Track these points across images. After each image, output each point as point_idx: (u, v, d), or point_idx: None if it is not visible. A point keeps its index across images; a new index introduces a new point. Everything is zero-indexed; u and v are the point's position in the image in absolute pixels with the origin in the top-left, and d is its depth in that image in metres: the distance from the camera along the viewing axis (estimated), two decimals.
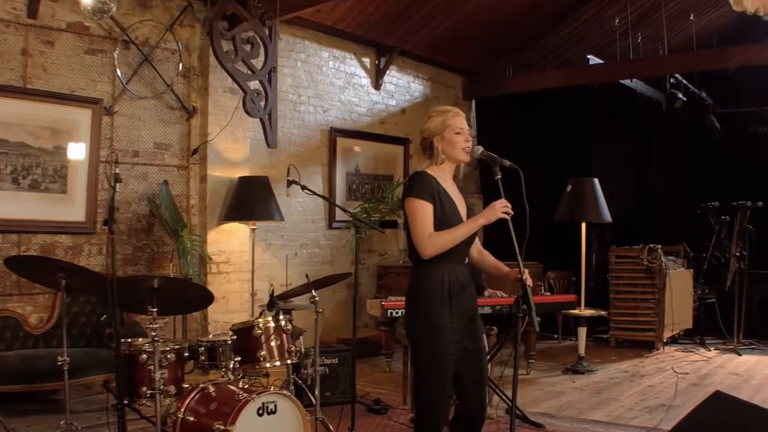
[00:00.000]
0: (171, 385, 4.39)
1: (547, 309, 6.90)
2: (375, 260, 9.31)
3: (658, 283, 8.76)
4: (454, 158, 3.79)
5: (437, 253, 3.61)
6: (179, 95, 7.38)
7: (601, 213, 7.92)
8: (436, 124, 3.78)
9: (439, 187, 3.72)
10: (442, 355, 3.61)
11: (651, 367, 7.92)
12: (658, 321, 8.77)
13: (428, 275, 3.68)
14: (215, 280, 7.47)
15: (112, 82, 6.97)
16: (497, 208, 3.64)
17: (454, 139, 3.75)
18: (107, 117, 6.92)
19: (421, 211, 3.64)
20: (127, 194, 7.07)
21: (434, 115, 3.83)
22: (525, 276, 3.63)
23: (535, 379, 7.42)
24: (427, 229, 3.62)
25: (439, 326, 3.61)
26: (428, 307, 3.64)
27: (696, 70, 9.64)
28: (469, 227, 3.64)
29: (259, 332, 4.57)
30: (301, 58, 8.59)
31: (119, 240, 7.00)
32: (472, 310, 3.76)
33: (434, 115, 3.82)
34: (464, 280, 3.73)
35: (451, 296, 3.65)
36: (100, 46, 6.89)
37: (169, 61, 7.35)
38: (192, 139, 7.52)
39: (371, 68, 9.52)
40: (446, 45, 9.74)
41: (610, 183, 10.21)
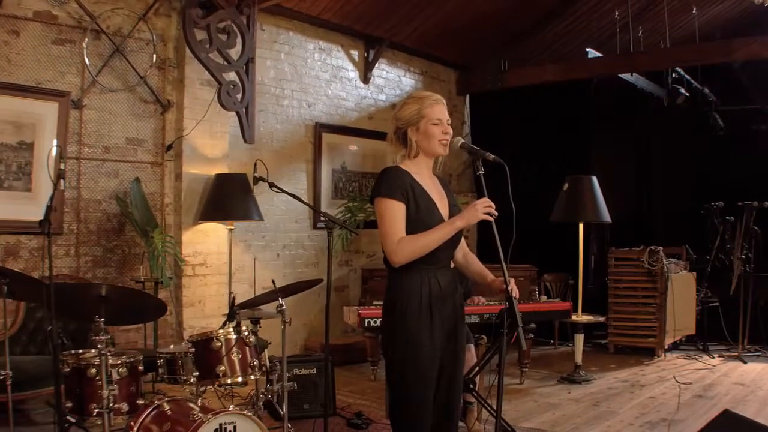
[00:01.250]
0: (123, 402, 4.00)
1: (539, 318, 6.46)
2: (363, 262, 8.90)
3: (660, 287, 8.34)
4: (430, 152, 3.38)
5: (408, 260, 3.20)
6: (153, 88, 6.97)
7: (600, 213, 7.50)
8: (411, 114, 3.37)
9: (414, 183, 3.31)
10: (420, 374, 3.22)
11: (652, 375, 7.51)
12: (659, 326, 8.35)
13: (405, 283, 3.27)
14: (191, 282, 7.08)
15: (81, 74, 6.57)
16: (478, 208, 3.23)
17: (430, 131, 3.34)
18: (75, 111, 6.52)
19: (390, 213, 3.23)
20: (97, 192, 6.68)
21: (409, 102, 3.42)
22: (511, 286, 3.24)
23: (529, 390, 7.01)
24: (397, 232, 3.20)
25: (416, 342, 3.21)
26: (404, 321, 3.23)
27: (699, 63, 9.20)
28: (445, 231, 3.22)
29: (218, 345, 4.17)
30: (285, 49, 8.18)
31: (88, 241, 6.63)
32: (456, 322, 3.35)
33: (409, 103, 3.41)
34: (447, 288, 3.32)
35: (432, 307, 3.24)
36: (69, 36, 6.48)
37: (143, 52, 6.94)
38: (167, 134, 7.11)
39: (359, 61, 9.11)
40: (438, 37, 9.31)
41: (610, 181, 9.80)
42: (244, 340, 4.25)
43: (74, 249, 6.55)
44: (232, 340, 4.23)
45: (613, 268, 8.75)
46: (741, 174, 9.41)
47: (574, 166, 8.61)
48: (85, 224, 6.61)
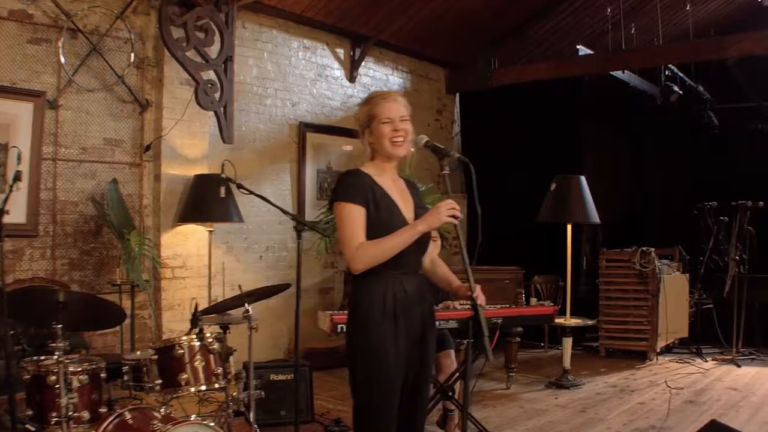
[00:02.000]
0: (84, 411, 3.87)
1: (523, 322, 6.28)
2: None
3: (651, 289, 8.18)
4: (384, 153, 3.24)
5: (368, 266, 3.05)
6: (131, 87, 6.81)
7: (588, 214, 7.35)
8: (363, 116, 3.26)
9: (375, 186, 3.16)
10: (384, 384, 3.07)
11: (643, 380, 7.35)
12: (651, 329, 8.19)
13: (367, 290, 3.12)
14: (170, 285, 6.93)
15: (58, 73, 6.40)
16: (441, 210, 3.08)
17: (380, 131, 3.21)
18: (51, 111, 6.35)
19: (349, 217, 3.09)
20: (73, 194, 6.52)
21: (362, 104, 3.32)
22: (476, 293, 3.05)
23: (515, 395, 6.86)
24: (357, 237, 3.06)
25: (380, 352, 3.05)
26: (367, 329, 3.08)
27: (692, 60, 9.02)
28: (407, 235, 3.06)
29: (180, 352, 4.02)
30: (268, 48, 8.02)
31: (64, 243, 6.47)
32: (423, 329, 3.19)
33: (362, 104, 3.31)
34: (414, 295, 3.17)
35: (397, 315, 3.09)
36: (44, 35, 6.31)
37: (121, 50, 6.77)
38: (145, 135, 6.95)
39: (345, 59, 8.95)
40: (427, 35, 9.14)
41: (602, 181, 9.68)
42: (207, 347, 4.10)
43: (50, 251, 6.39)
44: (195, 347, 4.07)
45: (604, 270, 8.60)
46: (736, 173, 9.26)
47: (565, 165, 8.43)
48: (61, 226, 6.46)
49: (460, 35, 9.41)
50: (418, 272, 3.26)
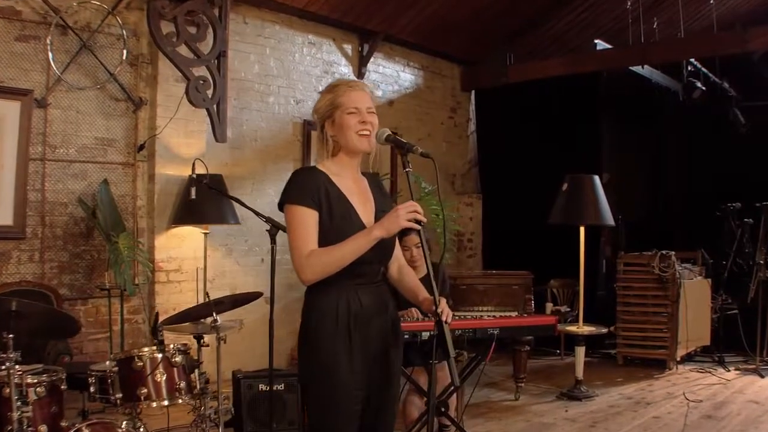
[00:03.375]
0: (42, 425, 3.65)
1: (521, 334, 5.87)
2: None
3: (671, 295, 7.78)
4: (349, 147, 2.91)
5: (320, 276, 2.75)
6: (124, 85, 6.58)
7: (602, 215, 6.97)
8: (324, 105, 2.94)
9: (330, 186, 2.86)
10: (337, 407, 2.77)
11: (660, 391, 6.96)
12: (670, 337, 7.79)
13: (318, 302, 2.83)
14: (164, 289, 6.70)
15: (47, 71, 6.20)
16: (400, 214, 2.73)
17: (345, 122, 2.88)
18: (40, 110, 6.15)
19: (298, 222, 2.79)
20: (63, 195, 6.30)
21: (324, 92, 2.99)
22: (441, 308, 2.72)
23: (523, 407, 6.52)
24: (307, 245, 2.76)
25: (332, 369, 2.76)
26: (318, 346, 2.79)
27: (714, 53, 8.60)
28: (361, 241, 2.73)
29: (140, 364, 3.76)
30: (271, 44, 7.75)
31: (54, 246, 6.26)
32: (385, 346, 2.89)
33: (323, 92, 2.98)
34: (371, 307, 2.85)
35: (352, 329, 2.79)
36: (33, 32, 6.10)
37: (114, 47, 6.54)
38: (139, 134, 6.72)
39: (353, 56, 8.64)
40: (438, 30, 8.82)
41: (623, 181, 9.32)
42: (169, 359, 3.83)
43: (39, 254, 6.18)
44: (156, 359, 3.81)
45: (622, 274, 8.20)
46: (762, 173, 8.80)
47: (584, 164, 8.06)
48: (50, 228, 6.24)
49: (474, 30, 9.08)
50: (378, 282, 2.95)
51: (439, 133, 9.85)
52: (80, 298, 6.38)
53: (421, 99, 9.55)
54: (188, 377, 3.91)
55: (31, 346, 5.68)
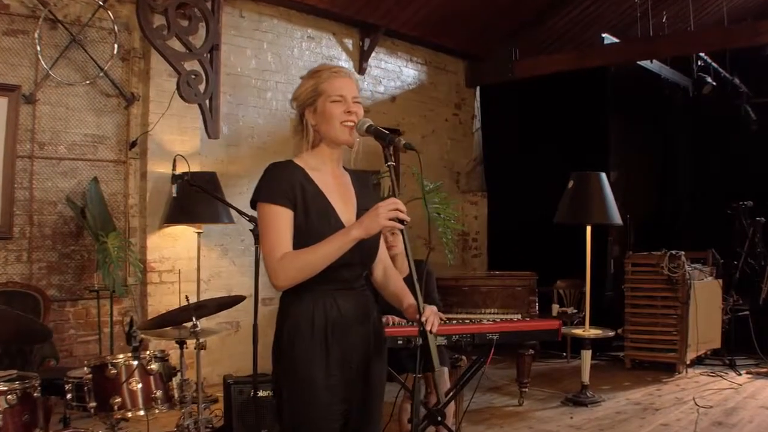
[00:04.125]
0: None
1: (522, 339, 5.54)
2: None
3: (681, 296, 7.52)
4: (332, 138, 2.66)
5: (294, 281, 2.52)
6: (115, 80, 6.40)
7: (609, 214, 6.72)
8: (306, 92, 2.70)
9: (307, 182, 2.62)
10: (312, 424, 2.54)
11: (669, 397, 6.72)
12: (680, 340, 7.54)
13: (293, 309, 2.60)
14: (157, 291, 6.52)
15: (35, 66, 6.02)
16: (380, 212, 2.46)
17: (328, 111, 2.63)
18: (28, 106, 5.98)
19: (271, 222, 2.56)
20: (52, 193, 6.14)
21: (305, 77, 2.75)
22: (425, 316, 2.50)
23: (526, 413, 6.28)
24: (280, 247, 2.52)
25: (307, 382, 2.53)
26: (293, 356, 2.56)
27: (724, 47, 8.34)
28: (338, 243, 2.49)
29: (113, 372, 3.56)
30: (268, 38, 7.55)
31: (42, 246, 6.10)
32: (367, 356, 2.66)
33: (305, 78, 2.75)
34: (351, 314, 2.62)
35: (329, 339, 2.56)
36: (22, 27, 5.94)
37: (105, 42, 6.37)
38: (132, 130, 6.55)
39: (354, 50, 8.43)
40: (442, 24, 8.59)
41: (631, 179, 9.06)
42: (144, 367, 3.63)
43: (26, 254, 6.02)
44: (131, 367, 3.61)
45: (630, 275, 7.92)
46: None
47: (592, 162, 7.82)
48: (38, 228, 6.08)
49: (479, 24, 8.85)
50: (359, 287, 2.70)
51: (443, 130, 9.62)
52: (69, 300, 6.22)
53: (424, 95, 9.33)
54: (166, 385, 3.70)
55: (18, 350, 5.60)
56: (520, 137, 9.34)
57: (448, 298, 6.46)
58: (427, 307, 2.51)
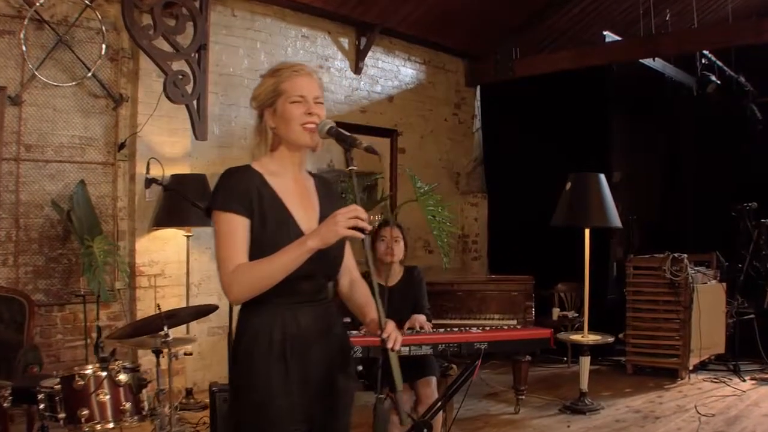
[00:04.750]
0: None
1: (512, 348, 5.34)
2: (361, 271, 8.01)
3: (683, 300, 7.35)
4: (292, 141, 2.52)
5: (247, 295, 2.38)
6: (103, 81, 6.29)
7: (608, 216, 6.54)
8: (265, 92, 2.54)
9: (264, 188, 2.48)
10: None
11: (670, 404, 6.55)
12: (682, 345, 7.36)
13: (251, 323, 2.45)
14: (146, 295, 6.39)
15: (22, 67, 5.91)
16: (338, 221, 2.30)
17: (288, 112, 2.48)
18: (14, 107, 5.87)
19: (226, 231, 2.41)
20: (39, 196, 6.02)
21: (265, 76, 2.58)
22: (387, 333, 2.35)
23: (522, 421, 6.13)
24: (234, 258, 2.37)
25: (265, 401, 2.39)
26: (249, 374, 2.42)
27: (728, 44, 8.11)
28: (292, 254, 2.33)
29: (80, 383, 3.43)
30: (261, 37, 7.41)
31: (29, 250, 5.98)
32: (330, 372, 2.51)
33: (265, 77, 2.57)
34: (313, 330, 2.47)
35: (288, 355, 2.41)
36: (7, 27, 5.82)
37: (93, 42, 6.25)
38: (120, 132, 6.42)
39: (350, 49, 8.27)
40: (440, 23, 8.41)
41: (634, 180, 8.89)
42: (113, 378, 3.50)
43: (12, 258, 5.90)
44: (99, 378, 3.48)
45: (631, 278, 7.75)
46: None
47: (593, 162, 7.65)
48: (25, 231, 5.96)
49: (478, 23, 8.68)
50: (321, 300, 2.55)
51: (443, 130, 9.46)
52: (57, 304, 6.10)
53: (423, 95, 9.17)
54: (136, 397, 3.57)
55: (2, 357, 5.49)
56: (521, 137, 9.17)
57: (443, 303, 6.31)
58: (389, 323, 2.36)
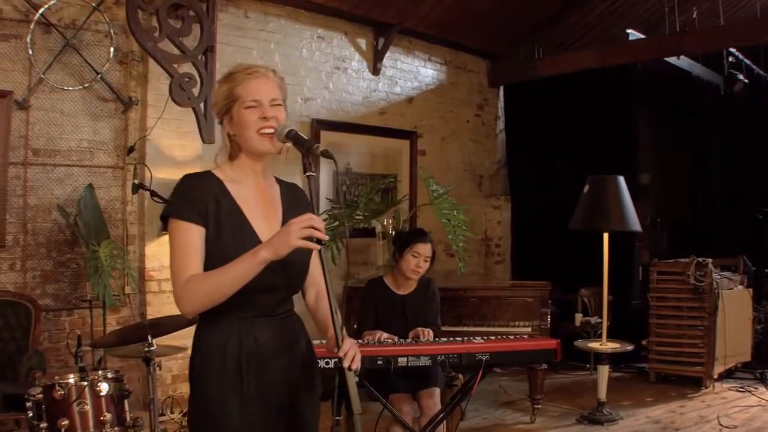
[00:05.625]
0: None
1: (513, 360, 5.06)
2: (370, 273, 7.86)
3: (708, 306, 7.12)
4: (251, 150, 2.41)
5: (199, 309, 2.27)
6: (112, 84, 6.23)
7: (627, 220, 6.34)
8: (221, 98, 2.43)
9: (222, 196, 2.37)
10: None
11: (692, 414, 6.33)
12: (706, 353, 7.13)
13: (206, 338, 2.35)
14: (156, 300, 6.33)
15: (29, 71, 5.88)
16: (292, 230, 2.17)
17: (243, 118, 2.37)
18: (21, 112, 5.83)
19: (179, 240, 2.31)
20: (46, 201, 5.97)
21: (220, 81, 2.47)
22: (344, 351, 2.21)
23: (537, 431, 5.96)
24: (186, 269, 2.26)
25: (219, 419, 2.27)
26: (204, 392, 2.31)
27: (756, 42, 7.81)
28: (244, 266, 2.20)
29: (60, 393, 3.35)
30: (275, 39, 7.30)
31: (37, 254, 5.95)
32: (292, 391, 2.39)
33: (219, 83, 2.47)
34: (271, 345, 2.36)
35: (244, 373, 2.30)
36: (14, 31, 5.78)
37: (102, 45, 6.19)
38: (130, 135, 6.36)
39: (368, 50, 8.13)
40: (460, 22, 8.23)
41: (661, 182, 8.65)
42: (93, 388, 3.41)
43: (20, 263, 5.87)
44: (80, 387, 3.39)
45: (655, 284, 7.53)
46: None
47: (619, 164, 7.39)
48: (32, 236, 5.93)
49: (499, 22, 8.49)
50: (282, 314, 2.43)
51: (465, 132, 9.28)
52: (65, 309, 6.06)
53: (444, 96, 9.00)
54: (118, 408, 3.48)
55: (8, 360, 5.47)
56: (545, 139, 8.98)
57: (456, 309, 6.17)
58: (347, 341, 2.23)
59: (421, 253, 4.73)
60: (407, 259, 4.73)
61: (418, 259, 4.73)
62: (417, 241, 4.75)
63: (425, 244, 4.76)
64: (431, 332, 4.54)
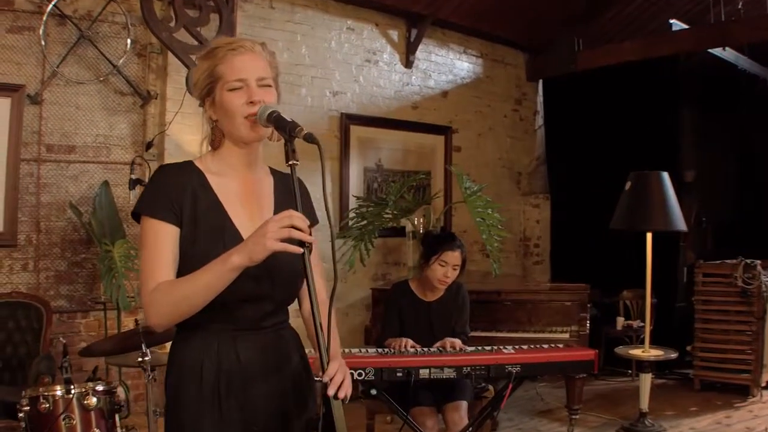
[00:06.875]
0: None
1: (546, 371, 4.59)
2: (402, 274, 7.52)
3: (756, 311, 6.68)
4: (237, 138, 2.09)
5: (169, 320, 1.95)
6: (129, 78, 6.01)
7: (671, 219, 5.93)
8: (201, 77, 2.10)
9: (202, 190, 2.07)
10: None
11: (738, 425, 5.93)
12: (754, 360, 6.70)
13: (181, 353, 2.05)
14: None
15: (42, 64, 5.69)
16: (268, 230, 1.83)
17: (227, 102, 2.04)
18: (34, 106, 5.65)
19: (149, 241, 2.00)
20: (61, 198, 5.79)
21: (199, 58, 2.14)
22: (329, 376, 1.88)
23: None
24: (155, 274, 1.95)
25: None
26: (179, 415, 2.00)
27: None
28: (215, 273, 1.88)
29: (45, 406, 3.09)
30: (302, 30, 7.01)
31: (50, 254, 5.77)
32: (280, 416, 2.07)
33: (199, 59, 2.14)
34: (257, 363, 2.05)
35: (222, 395, 1.99)
36: (27, 23, 5.62)
37: (119, 37, 5.98)
38: (148, 130, 6.15)
39: (400, 42, 7.79)
40: (496, 13, 7.87)
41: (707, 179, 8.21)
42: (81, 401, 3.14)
43: (33, 263, 5.69)
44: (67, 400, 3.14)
45: (700, 287, 7.10)
46: None
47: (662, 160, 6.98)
48: (46, 235, 5.75)
49: (538, 13, 8.11)
50: (270, 327, 2.11)
51: (502, 128, 8.91)
52: (80, 311, 5.88)
53: (480, 90, 8.64)
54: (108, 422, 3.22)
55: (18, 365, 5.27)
56: (586, 134, 8.58)
57: (488, 314, 5.81)
58: (333, 363, 1.90)
59: (449, 261, 4.35)
60: (434, 269, 4.36)
61: (446, 269, 4.35)
62: (445, 249, 4.35)
63: (454, 251, 4.35)
64: (459, 342, 4.21)
